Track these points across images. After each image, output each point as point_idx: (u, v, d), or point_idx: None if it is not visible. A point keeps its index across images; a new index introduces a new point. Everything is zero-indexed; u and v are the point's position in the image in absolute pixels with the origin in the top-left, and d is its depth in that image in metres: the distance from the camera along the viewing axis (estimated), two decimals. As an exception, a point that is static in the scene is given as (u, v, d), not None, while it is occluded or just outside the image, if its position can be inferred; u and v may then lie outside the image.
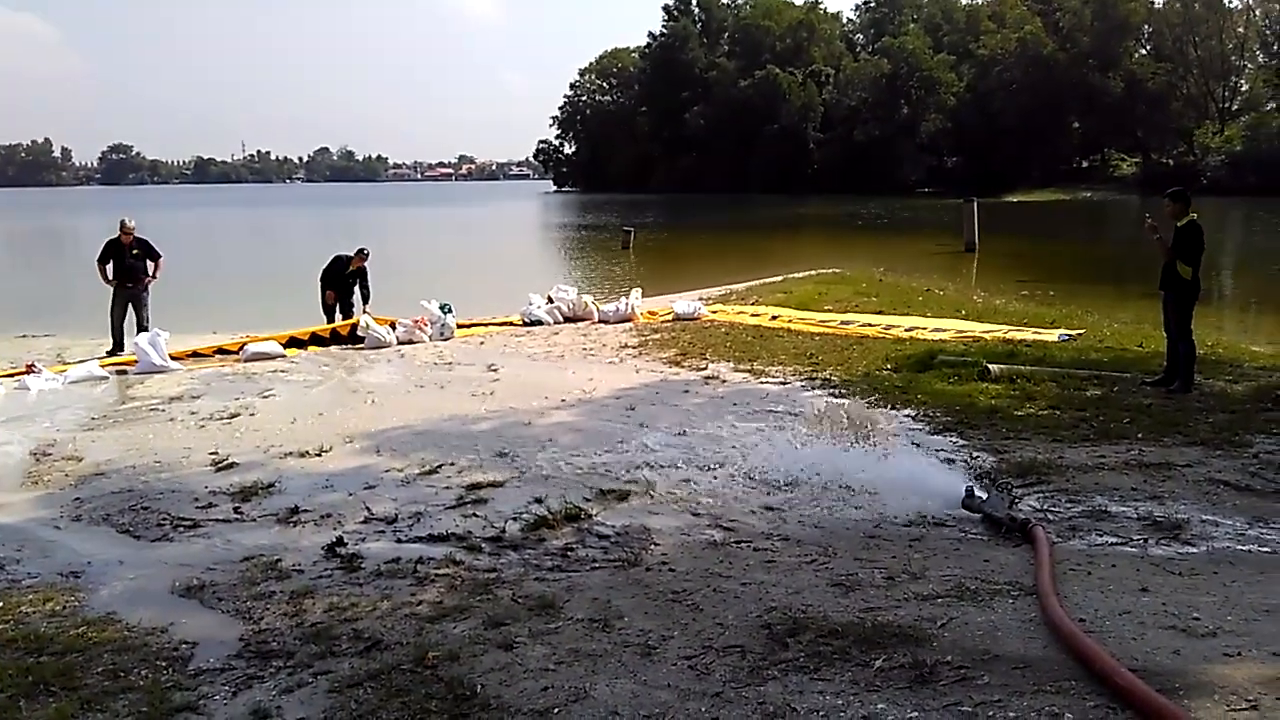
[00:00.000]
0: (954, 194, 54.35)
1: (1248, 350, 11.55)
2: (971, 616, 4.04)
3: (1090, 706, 3.10)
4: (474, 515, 6.01)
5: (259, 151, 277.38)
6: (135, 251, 12.93)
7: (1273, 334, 15.32)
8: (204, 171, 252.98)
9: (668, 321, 14.56)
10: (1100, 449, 7.11)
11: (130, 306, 12.89)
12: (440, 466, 7.09)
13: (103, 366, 11.58)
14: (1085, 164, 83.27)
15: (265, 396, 9.90)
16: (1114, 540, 5.26)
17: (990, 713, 3.13)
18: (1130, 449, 7.07)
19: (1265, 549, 5.07)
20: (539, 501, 6.17)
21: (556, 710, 3.49)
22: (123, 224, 12.85)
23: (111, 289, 12.85)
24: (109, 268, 12.85)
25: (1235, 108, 76.74)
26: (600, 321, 14.83)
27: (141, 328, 12.69)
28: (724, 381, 10.09)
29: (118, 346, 12.64)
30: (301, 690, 3.80)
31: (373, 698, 3.67)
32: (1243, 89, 77.39)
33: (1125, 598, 4.19)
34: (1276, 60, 71.82)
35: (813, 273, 21.20)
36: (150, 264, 13.08)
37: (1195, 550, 5.07)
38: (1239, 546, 5.12)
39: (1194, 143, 72.26)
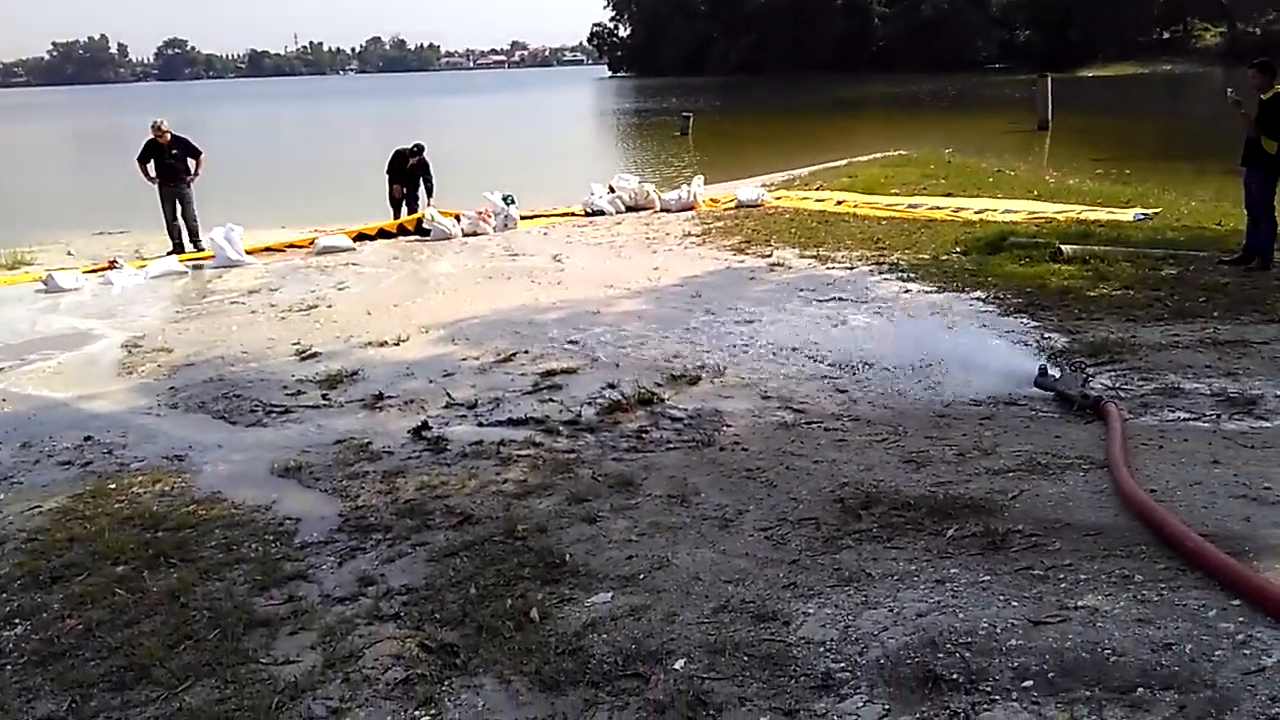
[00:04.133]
0: (1027, 70, 52.18)
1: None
2: (1043, 489, 4.13)
3: (1160, 569, 3.20)
4: (550, 400, 6.20)
5: (311, 43, 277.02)
6: (174, 151, 12.80)
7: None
8: (258, 65, 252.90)
9: (730, 209, 14.47)
10: (1175, 328, 7.04)
11: (178, 204, 12.83)
12: (514, 355, 7.28)
13: (181, 262, 11.93)
14: (1166, 35, 79.19)
15: (340, 289, 10.16)
16: (1186, 416, 5.28)
17: (1061, 575, 3.25)
18: (1205, 327, 7.00)
19: (1341, 422, 5.06)
20: (612, 387, 6.34)
21: (641, 576, 3.69)
22: (155, 126, 12.67)
23: (157, 190, 12.82)
24: (150, 167, 12.75)
25: (1331, -31, 72.03)
26: (663, 210, 14.79)
27: (190, 227, 12.84)
28: (790, 268, 10.09)
29: (178, 247, 12.74)
30: (402, 560, 4.06)
31: (469, 565, 3.91)
32: (1340, -52, 72.46)
33: (1197, 469, 4.25)
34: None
35: (878, 156, 20.78)
36: (191, 162, 12.91)
37: (1269, 425, 5.07)
38: (1314, 421, 5.11)
39: (1284, 8, 68.23)
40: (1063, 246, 9.42)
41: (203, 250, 12.48)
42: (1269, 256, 8.77)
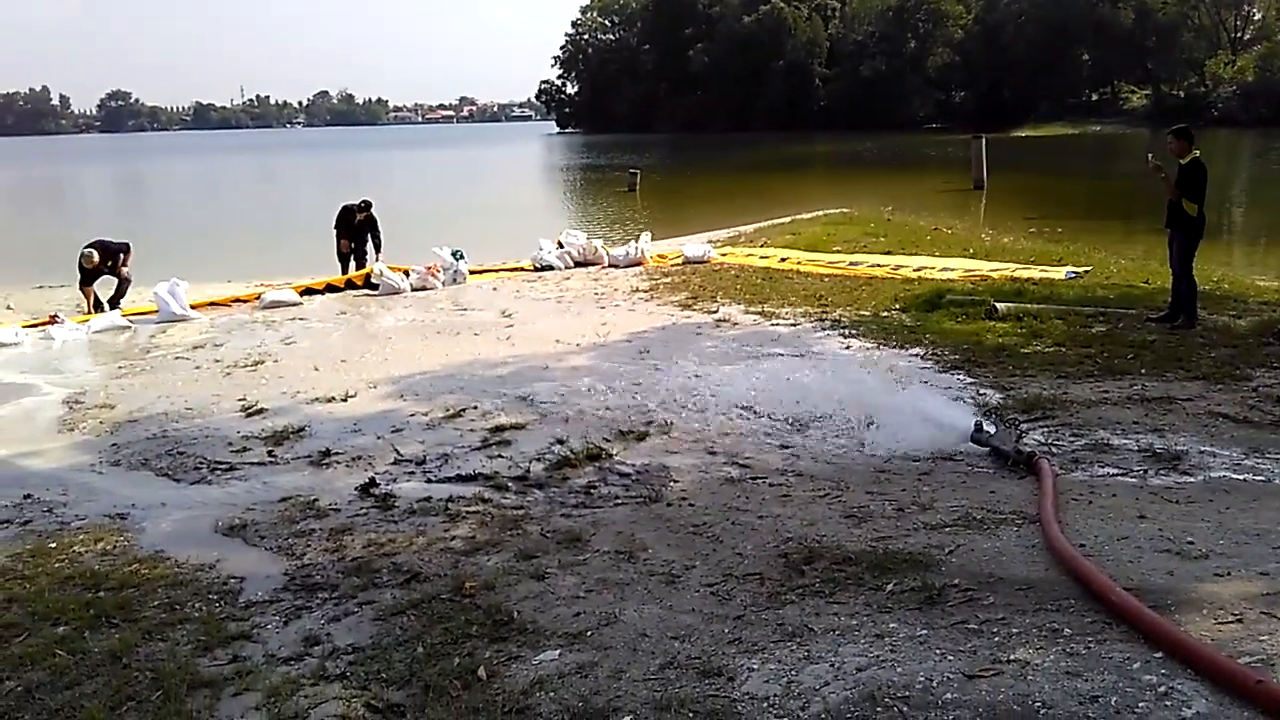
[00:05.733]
0: (962, 129, 53.96)
1: (1253, 285, 11.68)
2: (978, 543, 4.26)
3: (1088, 622, 3.32)
4: (499, 456, 6.25)
5: (258, 96, 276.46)
6: (109, 264, 12.76)
7: (1280, 268, 15.41)
8: (203, 117, 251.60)
9: (677, 265, 14.70)
10: (1104, 384, 7.30)
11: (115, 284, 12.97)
12: (464, 410, 7.31)
13: (124, 316, 11.80)
14: (1095, 97, 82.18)
15: (287, 343, 10.12)
16: (1115, 471, 5.48)
17: (994, 629, 3.36)
18: (1133, 384, 7.26)
19: (1260, 478, 5.29)
20: (561, 442, 6.40)
21: (589, 633, 3.73)
22: (87, 256, 12.48)
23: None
24: (93, 289, 12.66)
25: (1247, 37, 75.53)
26: (610, 266, 14.97)
27: (123, 289, 12.89)
28: (735, 324, 10.26)
29: (98, 307, 12.56)
30: (348, 619, 4.05)
31: (416, 624, 3.92)
32: (1255, 18, 76.08)
33: (1124, 524, 4.41)
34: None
35: (820, 213, 21.24)
36: (122, 256, 12.93)
37: (1193, 480, 5.28)
38: (1235, 475, 5.33)
39: (1205, 74, 71.25)
40: (997, 304, 9.72)
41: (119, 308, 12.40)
42: (1192, 314, 9.14)
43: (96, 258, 12.58)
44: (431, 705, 3.29)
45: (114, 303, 12.66)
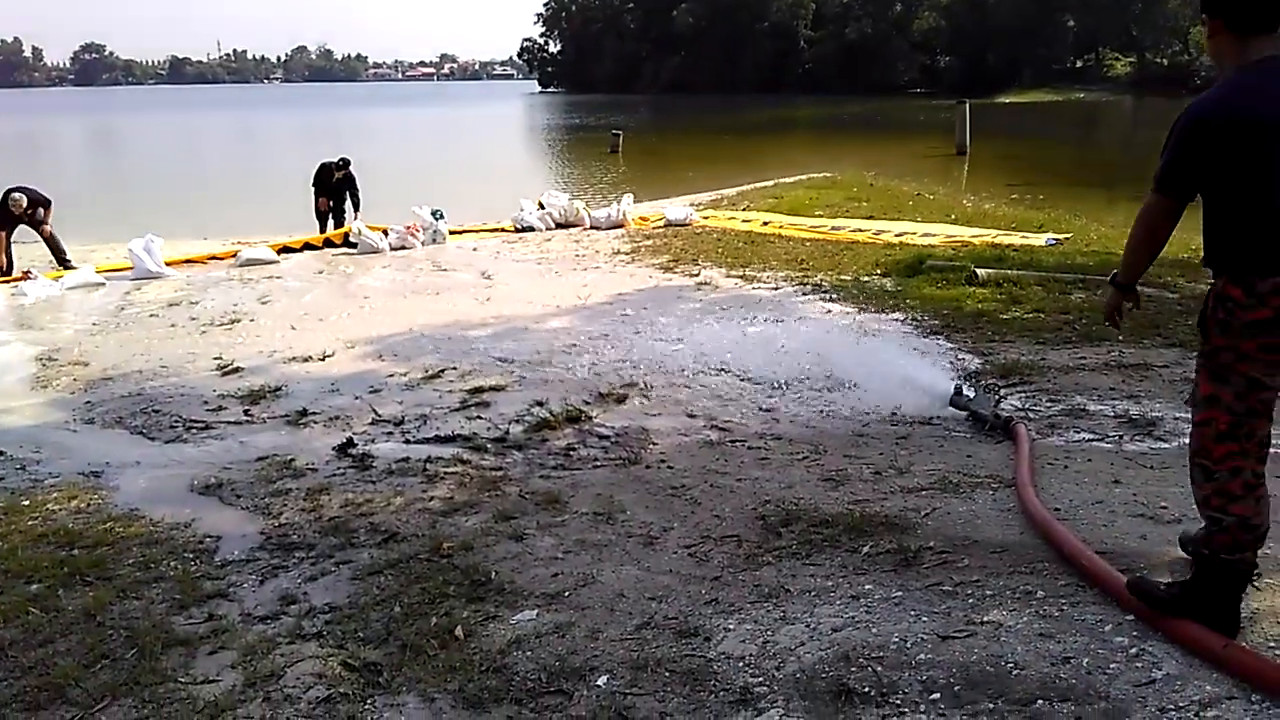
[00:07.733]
0: (946, 94, 53.79)
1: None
2: (954, 507, 4.29)
3: (1061, 585, 3.36)
4: (478, 418, 6.22)
5: (235, 51, 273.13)
6: (30, 212, 12.31)
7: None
8: (179, 72, 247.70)
9: (659, 227, 14.62)
10: (1081, 351, 7.33)
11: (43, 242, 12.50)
12: (442, 371, 7.28)
13: (99, 272, 11.65)
14: (1079, 64, 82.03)
15: (264, 302, 10.03)
16: (1091, 437, 5.51)
17: (969, 591, 3.39)
18: (1110, 351, 7.29)
19: (1233, 444, 5.32)
20: (540, 404, 6.38)
21: (567, 593, 3.74)
22: (15, 201, 12.09)
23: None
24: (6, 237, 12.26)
25: (1233, 5, 75.36)
26: (592, 228, 14.87)
27: (58, 248, 12.48)
28: (716, 287, 10.24)
29: (9, 268, 12.15)
30: (325, 578, 4.04)
31: (393, 584, 3.91)
32: (1241, -14, 75.84)
33: (1098, 489, 4.44)
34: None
35: (804, 177, 21.17)
36: (43, 211, 12.45)
37: (1167, 446, 5.31)
38: (1208, 442, 5.36)
39: (1189, 42, 71.15)
40: (978, 270, 9.73)
41: (70, 268, 12.06)
42: None
43: (25, 203, 12.20)
44: (409, 664, 3.29)
45: (63, 264, 12.31)
